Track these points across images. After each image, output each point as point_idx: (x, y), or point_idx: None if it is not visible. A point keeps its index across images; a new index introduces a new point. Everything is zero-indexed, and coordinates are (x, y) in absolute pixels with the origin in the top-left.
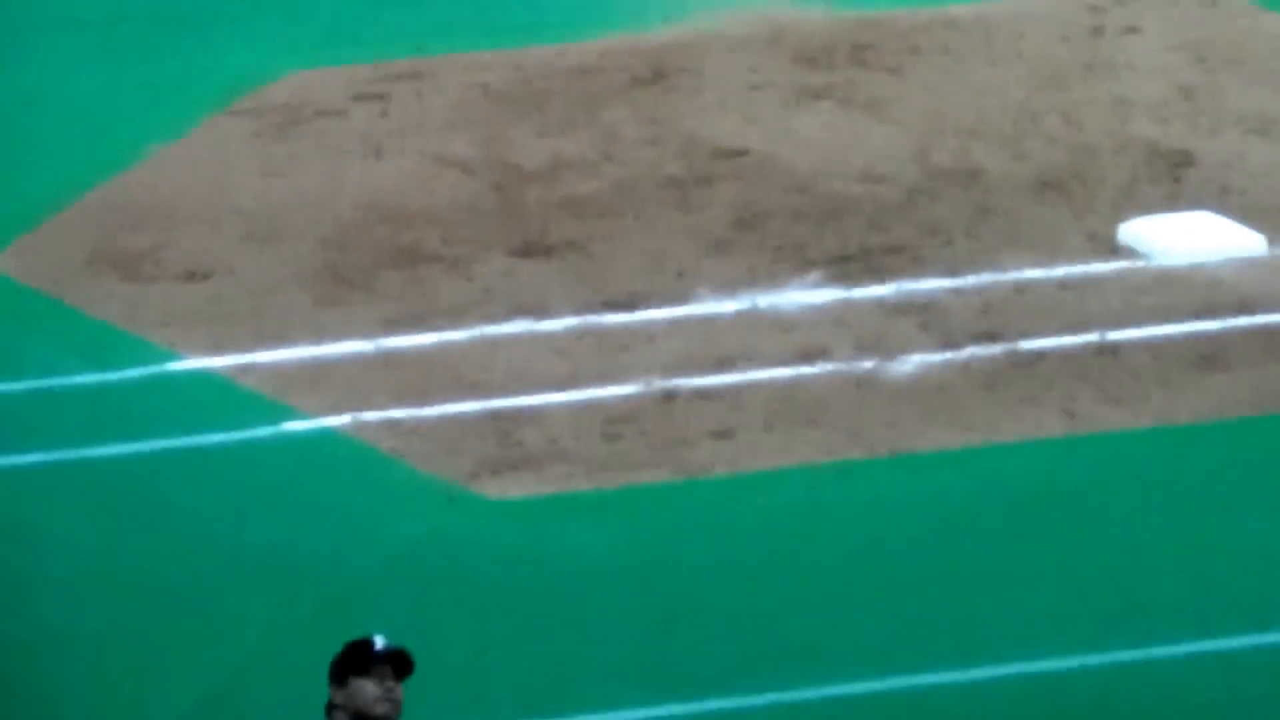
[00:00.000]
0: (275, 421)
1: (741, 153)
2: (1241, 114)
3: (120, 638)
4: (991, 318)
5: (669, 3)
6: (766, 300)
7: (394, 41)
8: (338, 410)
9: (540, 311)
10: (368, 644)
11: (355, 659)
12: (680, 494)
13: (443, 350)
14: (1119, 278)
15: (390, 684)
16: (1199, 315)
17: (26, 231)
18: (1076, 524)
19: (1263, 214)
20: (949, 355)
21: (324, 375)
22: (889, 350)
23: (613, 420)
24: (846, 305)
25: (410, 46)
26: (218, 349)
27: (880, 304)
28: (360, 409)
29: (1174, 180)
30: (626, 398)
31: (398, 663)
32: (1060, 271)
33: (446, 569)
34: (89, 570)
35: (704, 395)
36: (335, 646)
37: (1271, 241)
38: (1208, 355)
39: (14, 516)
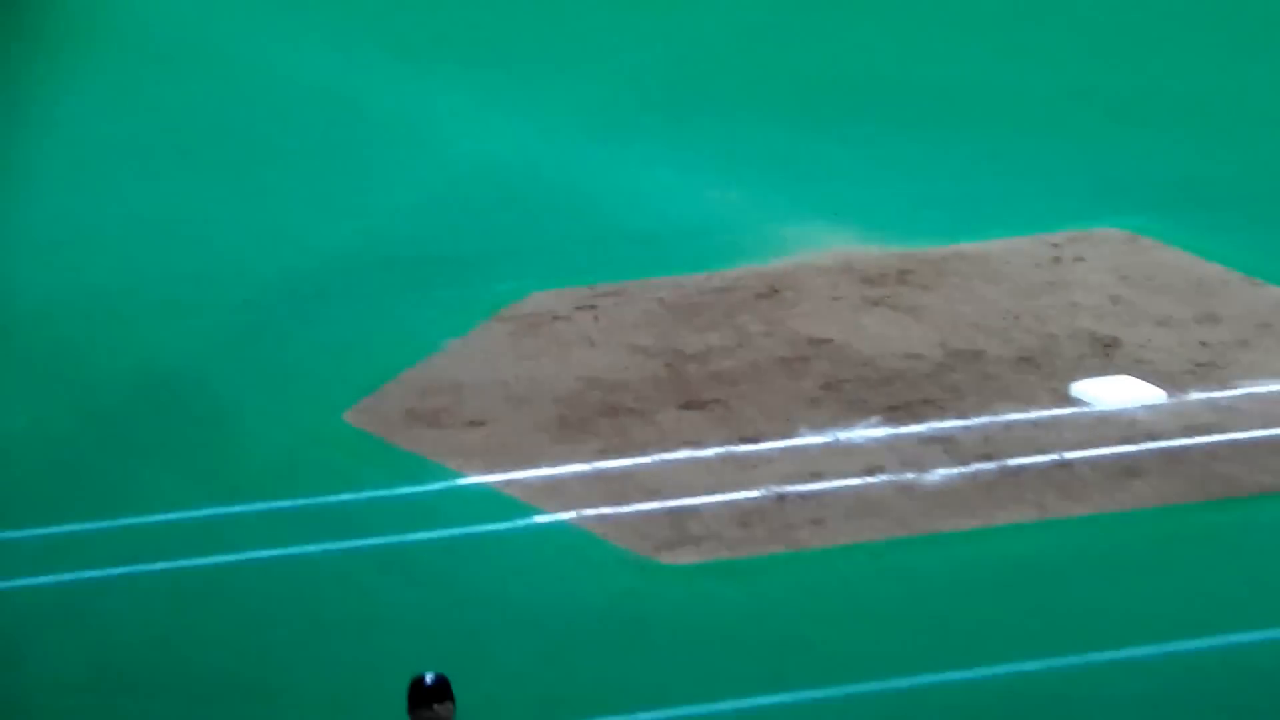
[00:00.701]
0: (527, 516)
1: (827, 341)
2: (1149, 314)
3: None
4: (989, 445)
5: (778, 245)
6: (844, 435)
7: (602, 271)
8: (567, 509)
9: (698, 444)
10: (420, 679)
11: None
12: (790, 561)
13: (636, 470)
14: (1072, 419)
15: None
16: (1123, 442)
17: (367, 395)
18: (1045, 576)
19: (1161, 377)
20: (961, 469)
21: (558, 487)
22: (923, 467)
23: (745, 514)
24: (895, 438)
25: (614, 275)
26: (489, 471)
27: (917, 437)
28: (582, 508)
29: (1106, 356)
30: (754, 499)
31: (444, 689)
32: (1033, 415)
33: (639, 607)
34: (399, 620)
35: (804, 497)
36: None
37: (1169, 395)
38: (1129, 467)
39: (354, 583)
